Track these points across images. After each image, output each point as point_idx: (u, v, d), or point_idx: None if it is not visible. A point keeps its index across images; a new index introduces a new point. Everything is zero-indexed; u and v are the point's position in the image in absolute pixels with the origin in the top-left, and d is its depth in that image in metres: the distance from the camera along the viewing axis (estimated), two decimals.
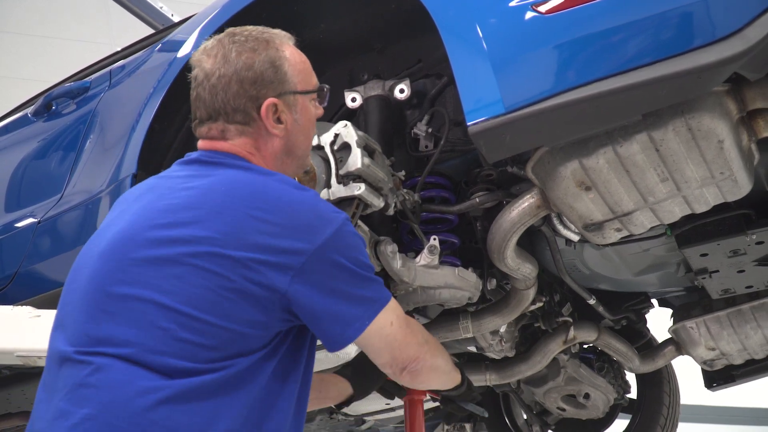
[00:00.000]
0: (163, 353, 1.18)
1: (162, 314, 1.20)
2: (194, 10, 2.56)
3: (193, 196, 1.29)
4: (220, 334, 1.21)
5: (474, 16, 1.57)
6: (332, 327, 1.30)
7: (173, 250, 1.23)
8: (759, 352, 2.56)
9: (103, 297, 1.24)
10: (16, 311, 2.11)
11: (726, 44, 1.35)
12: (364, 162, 1.67)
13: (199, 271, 1.21)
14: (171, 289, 1.21)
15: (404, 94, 2.01)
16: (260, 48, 1.41)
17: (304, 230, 1.26)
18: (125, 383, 1.16)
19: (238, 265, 1.22)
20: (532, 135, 1.52)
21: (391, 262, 1.80)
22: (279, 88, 1.41)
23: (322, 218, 1.29)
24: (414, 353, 1.44)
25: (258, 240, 1.23)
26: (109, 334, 1.21)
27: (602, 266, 2.32)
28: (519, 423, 3.35)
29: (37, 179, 2.68)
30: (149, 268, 1.23)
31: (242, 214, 1.25)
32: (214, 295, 1.21)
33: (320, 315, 1.28)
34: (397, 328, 1.39)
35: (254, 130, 1.40)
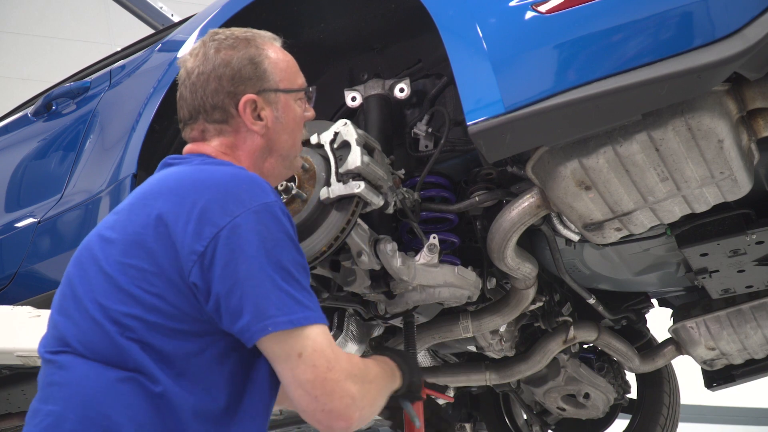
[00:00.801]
0: (109, 346, 1.18)
1: (98, 310, 1.21)
2: (194, 10, 2.56)
3: (136, 192, 1.32)
4: (157, 322, 1.19)
5: (474, 15, 1.57)
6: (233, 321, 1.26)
7: (106, 250, 1.25)
8: (759, 351, 2.57)
9: (64, 300, 1.28)
10: (16, 311, 2.11)
11: (726, 44, 1.35)
12: (363, 160, 1.67)
13: (129, 269, 1.21)
14: (107, 289, 1.22)
15: (404, 93, 2.01)
16: (240, 45, 1.42)
17: (216, 210, 1.22)
18: (83, 378, 1.18)
19: (144, 247, 1.21)
20: (532, 135, 1.52)
21: (390, 261, 1.80)
22: (258, 85, 1.41)
23: (236, 198, 1.25)
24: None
25: (165, 219, 1.21)
26: (65, 334, 1.23)
27: (602, 266, 2.32)
28: (519, 423, 3.36)
29: (37, 179, 2.68)
30: (95, 269, 1.25)
31: (166, 199, 1.24)
32: (136, 272, 1.20)
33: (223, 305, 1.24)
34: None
35: (233, 128, 1.40)
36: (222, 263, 1.17)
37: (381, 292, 1.90)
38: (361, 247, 1.78)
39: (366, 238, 1.80)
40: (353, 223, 1.68)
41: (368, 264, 1.80)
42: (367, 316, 2.04)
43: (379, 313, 1.99)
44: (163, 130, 2.16)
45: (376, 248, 1.80)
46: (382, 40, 2.12)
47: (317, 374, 1.18)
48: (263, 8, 1.97)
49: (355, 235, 1.76)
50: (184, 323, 1.20)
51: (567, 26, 1.46)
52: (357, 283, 1.85)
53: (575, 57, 1.45)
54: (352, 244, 1.77)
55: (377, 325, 2.24)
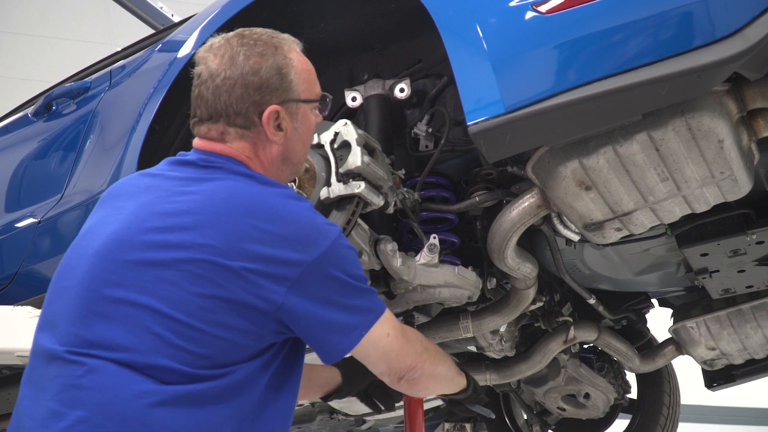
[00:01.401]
0: (155, 359, 1.18)
1: (156, 320, 1.19)
2: (194, 10, 2.56)
3: (192, 201, 1.28)
4: (212, 343, 1.21)
5: (474, 15, 1.56)
6: (328, 338, 1.30)
7: (169, 255, 1.22)
8: (759, 351, 2.57)
9: (96, 298, 1.23)
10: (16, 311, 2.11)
11: (726, 44, 1.35)
12: (363, 160, 1.67)
13: (195, 278, 1.21)
14: (165, 295, 1.20)
15: (404, 93, 2.01)
16: (268, 53, 1.40)
17: (301, 242, 1.26)
18: (118, 386, 1.16)
19: (234, 274, 1.21)
20: (533, 135, 1.52)
21: (390, 261, 1.80)
22: (283, 96, 1.40)
23: (318, 231, 1.29)
24: (411, 363, 1.44)
25: (255, 250, 1.23)
26: (102, 337, 1.20)
27: (602, 266, 2.32)
28: (519, 423, 3.36)
29: (38, 179, 2.68)
30: (144, 271, 1.22)
31: (240, 223, 1.24)
32: (208, 303, 1.20)
33: (315, 326, 1.28)
34: (394, 339, 1.39)
35: (254, 135, 1.39)
36: (304, 304, 1.25)
37: (381, 292, 1.90)
38: (361, 247, 1.78)
39: (366, 238, 1.80)
40: (353, 223, 1.68)
41: (368, 264, 1.80)
42: None
43: None
44: (164, 130, 2.16)
45: (377, 248, 1.80)
46: (382, 40, 2.12)
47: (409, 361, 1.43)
48: (263, 8, 1.97)
49: (356, 235, 1.76)
50: (243, 338, 1.23)
51: (567, 26, 1.46)
52: None
53: (575, 57, 1.45)
54: (352, 243, 1.77)
55: None
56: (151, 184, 1.37)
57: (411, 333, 1.48)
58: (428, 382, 1.51)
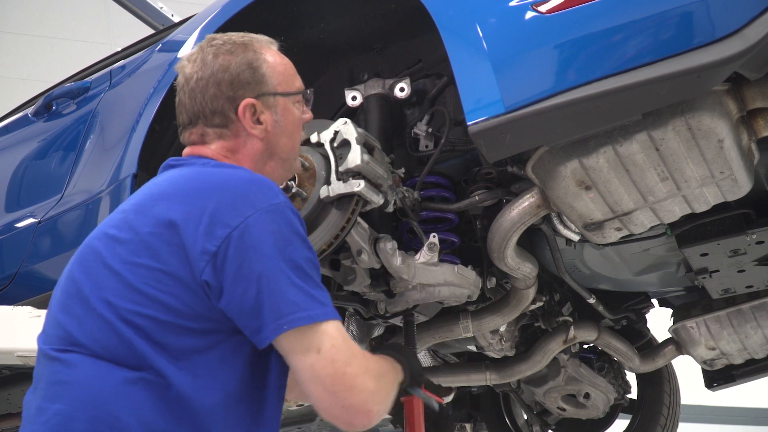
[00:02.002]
0: (119, 346, 1.19)
1: (108, 309, 1.21)
2: (194, 10, 2.56)
3: (140, 193, 1.33)
4: (163, 328, 1.20)
5: (474, 15, 1.57)
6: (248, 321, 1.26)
7: (114, 250, 1.25)
8: (759, 351, 2.57)
9: (69, 298, 1.27)
10: (16, 311, 2.11)
11: (726, 44, 1.35)
12: (363, 159, 1.67)
13: (132, 266, 1.22)
14: (113, 286, 1.22)
15: (404, 92, 2.01)
16: (237, 50, 1.42)
17: (227, 211, 1.24)
18: (93, 377, 1.18)
19: (154, 243, 1.22)
20: (532, 135, 1.52)
21: (390, 259, 1.80)
22: (257, 89, 1.42)
23: (245, 200, 1.27)
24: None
25: (168, 217, 1.23)
26: (74, 333, 1.23)
27: (602, 266, 2.32)
28: (519, 423, 3.36)
29: (38, 179, 2.68)
30: (99, 267, 1.25)
31: (170, 200, 1.26)
32: (149, 287, 1.20)
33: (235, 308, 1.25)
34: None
35: (233, 132, 1.41)
36: (236, 263, 1.19)
37: (381, 291, 1.90)
38: (361, 246, 1.78)
39: (366, 236, 1.80)
40: (353, 222, 1.69)
41: (368, 263, 1.80)
42: (367, 316, 2.04)
43: (379, 312, 1.99)
44: (164, 130, 2.16)
45: (376, 247, 1.80)
46: (382, 40, 2.12)
47: (336, 369, 1.18)
48: (263, 8, 1.97)
49: (355, 234, 1.76)
50: (195, 321, 1.21)
51: (567, 26, 1.46)
52: (357, 281, 1.85)
53: (575, 57, 1.45)
54: (352, 242, 1.77)
55: (377, 324, 2.24)
56: (139, 190, 1.41)
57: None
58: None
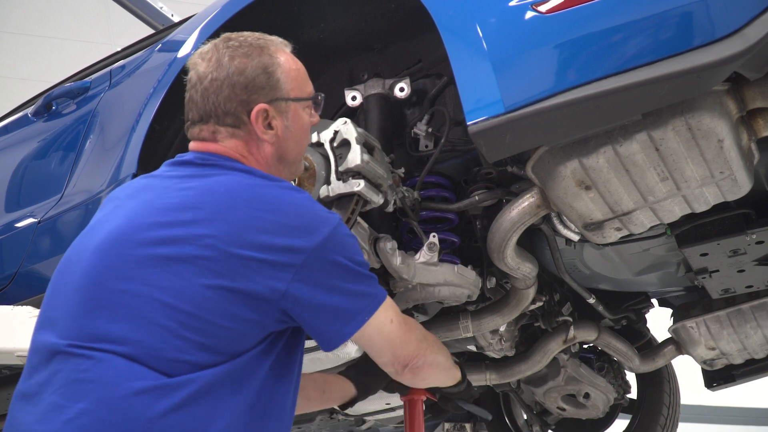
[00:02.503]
0: (162, 351, 1.18)
1: (162, 311, 1.20)
2: (194, 10, 2.56)
3: (191, 196, 1.30)
4: (218, 333, 1.22)
5: (474, 15, 1.57)
6: (330, 324, 1.31)
7: (174, 249, 1.24)
8: (759, 351, 2.56)
9: (100, 292, 1.24)
10: (16, 311, 2.11)
11: (725, 44, 1.35)
12: (363, 158, 1.67)
13: (200, 269, 1.22)
14: (171, 287, 1.21)
15: (404, 92, 2.02)
16: (254, 53, 1.42)
17: (303, 229, 1.28)
18: (123, 380, 1.16)
19: (238, 264, 1.23)
20: (532, 134, 1.52)
21: (390, 259, 1.80)
22: (270, 94, 1.42)
23: (319, 218, 1.31)
24: (414, 350, 1.45)
25: (258, 239, 1.24)
26: (106, 330, 1.20)
27: (602, 266, 2.32)
28: (519, 423, 3.36)
29: (37, 179, 2.68)
30: (149, 265, 1.23)
31: (242, 214, 1.26)
32: (213, 293, 1.21)
33: (318, 312, 1.29)
34: (396, 326, 1.40)
35: (245, 133, 1.41)
36: (308, 292, 1.26)
37: None
38: (360, 246, 1.78)
39: (366, 236, 1.80)
40: (353, 221, 1.69)
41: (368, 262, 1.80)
42: None
43: None
44: (164, 130, 2.16)
45: (376, 246, 1.80)
46: (382, 40, 2.12)
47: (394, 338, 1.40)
48: (263, 8, 1.97)
49: (355, 234, 1.76)
50: (246, 326, 1.24)
51: (567, 26, 1.46)
52: None
53: (575, 57, 1.45)
54: None
55: None
56: (149, 184, 1.40)
57: (411, 321, 1.50)
58: (430, 371, 1.52)
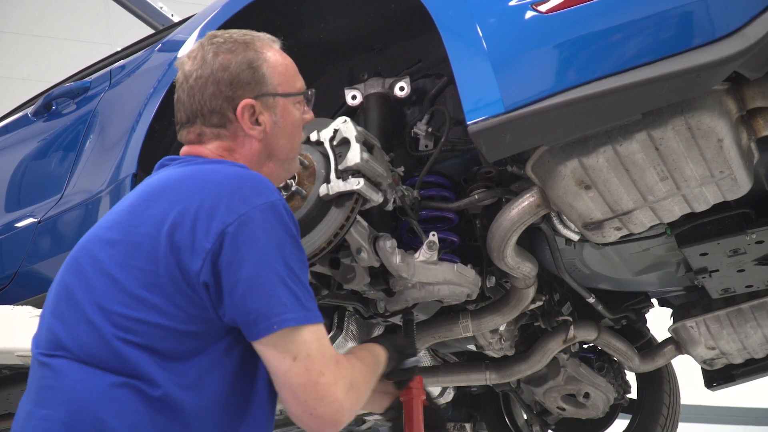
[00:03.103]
0: (105, 353, 1.18)
1: (98, 314, 1.20)
2: (194, 10, 2.56)
3: (134, 196, 1.30)
4: (152, 332, 1.19)
5: (474, 15, 1.57)
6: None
7: (108, 252, 1.24)
8: (759, 351, 2.57)
9: (58, 301, 1.26)
10: (16, 311, 2.11)
11: (725, 43, 1.35)
12: (363, 157, 1.67)
13: (127, 268, 1.21)
14: (104, 289, 1.21)
15: (404, 91, 2.02)
16: (238, 49, 1.41)
17: (229, 204, 1.23)
18: (80, 382, 1.17)
19: (161, 247, 1.20)
20: (532, 134, 1.52)
21: (390, 257, 1.80)
22: (257, 90, 1.40)
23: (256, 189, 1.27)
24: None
25: (179, 220, 1.21)
26: (62, 338, 1.21)
27: (602, 266, 2.32)
28: (519, 423, 3.36)
29: (37, 179, 2.68)
30: (90, 271, 1.24)
31: (171, 196, 1.24)
32: (142, 290, 1.19)
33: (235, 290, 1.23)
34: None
35: (230, 132, 1.40)
36: (229, 259, 1.18)
37: (380, 290, 1.90)
38: (360, 244, 1.78)
39: (365, 235, 1.80)
40: (352, 220, 1.69)
41: (367, 261, 1.80)
42: (366, 315, 2.04)
43: (379, 311, 1.99)
44: (163, 129, 2.16)
45: (376, 245, 1.80)
46: (382, 40, 2.13)
47: (309, 379, 1.19)
48: (263, 8, 1.97)
49: (355, 232, 1.76)
50: (187, 324, 1.20)
51: (567, 26, 1.46)
52: (356, 280, 1.85)
53: (575, 56, 1.45)
54: (351, 240, 1.77)
55: (377, 324, 2.24)
56: (134, 190, 1.39)
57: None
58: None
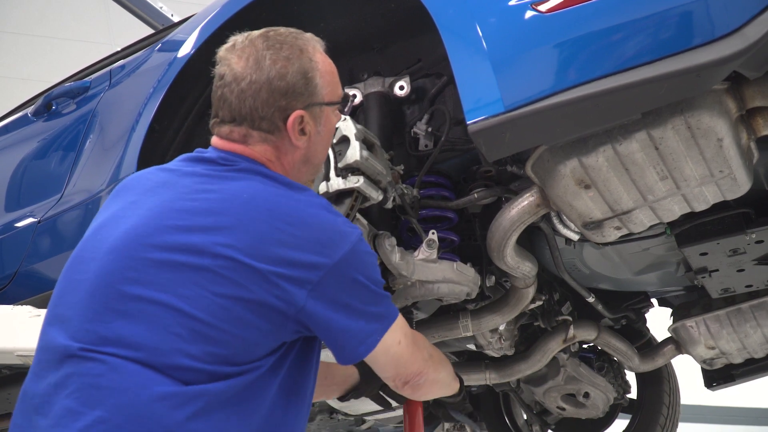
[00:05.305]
0: (177, 359, 1.17)
1: (177, 319, 1.18)
2: (194, 10, 2.56)
3: (213, 200, 1.27)
4: (232, 342, 1.20)
5: (474, 15, 1.57)
6: (345, 342, 1.31)
7: (191, 256, 1.21)
8: (758, 351, 2.57)
9: (114, 295, 1.21)
10: (16, 311, 2.11)
11: (725, 43, 1.35)
12: (362, 155, 1.67)
13: (217, 279, 1.20)
14: (187, 294, 1.19)
15: (404, 90, 2.02)
16: (294, 56, 1.38)
17: (323, 245, 1.26)
18: (140, 387, 1.14)
19: (256, 276, 1.21)
20: (532, 134, 1.52)
21: (389, 256, 1.80)
22: (308, 100, 1.38)
23: (340, 234, 1.29)
24: (417, 369, 1.46)
25: (278, 252, 1.22)
26: (120, 335, 1.18)
27: (602, 265, 2.32)
28: (519, 423, 3.36)
29: (37, 179, 2.68)
30: (166, 270, 1.21)
31: (263, 225, 1.24)
32: (230, 303, 1.20)
33: (334, 329, 1.29)
34: (404, 346, 1.41)
35: (277, 139, 1.38)
36: (325, 304, 1.26)
37: None
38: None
39: (365, 233, 1.80)
40: (352, 218, 1.69)
41: None
42: None
43: None
44: (163, 129, 2.16)
45: (375, 243, 1.80)
46: (382, 39, 2.13)
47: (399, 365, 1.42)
48: (263, 8, 1.97)
49: None
50: (264, 338, 1.24)
51: (567, 25, 1.46)
52: None
53: (575, 56, 1.45)
54: None
55: None
56: (168, 180, 1.35)
57: (420, 339, 1.50)
58: (430, 388, 1.55)
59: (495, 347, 2.45)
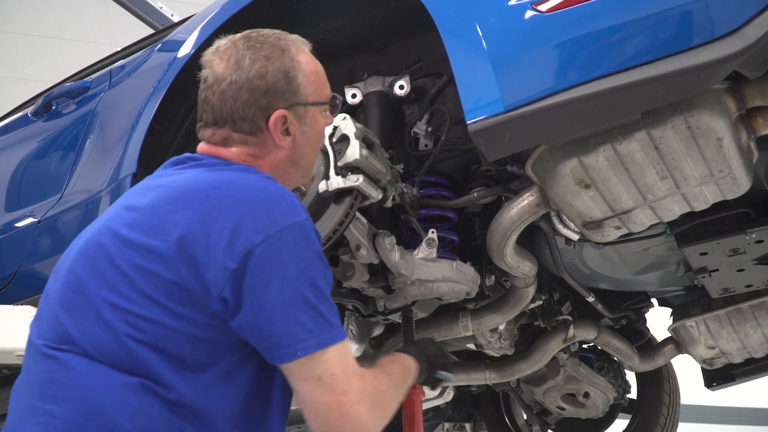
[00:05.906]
0: (120, 352, 1.16)
1: (115, 314, 1.18)
2: (194, 10, 2.56)
3: (155, 195, 1.27)
4: (173, 338, 1.18)
5: (473, 15, 1.57)
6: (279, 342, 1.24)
7: (126, 252, 1.21)
8: (758, 350, 2.57)
9: (67, 294, 1.24)
10: (16, 311, 2.11)
11: (725, 42, 1.35)
12: (362, 153, 1.67)
13: (147, 274, 1.19)
14: (122, 290, 1.19)
15: (404, 90, 2.02)
16: (275, 56, 1.37)
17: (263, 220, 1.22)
18: (91, 381, 1.15)
19: (185, 260, 1.18)
20: (532, 133, 1.52)
21: (389, 254, 1.80)
22: (290, 100, 1.37)
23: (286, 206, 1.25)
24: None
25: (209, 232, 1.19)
26: (71, 332, 1.20)
27: (602, 265, 2.33)
28: (519, 423, 3.36)
29: (37, 179, 2.68)
30: (107, 267, 1.22)
31: (196, 208, 1.22)
32: (163, 297, 1.18)
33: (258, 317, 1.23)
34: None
35: (259, 140, 1.37)
36: (254, 281, 1.17)
37: (380, 287, 1.91)
38: (359, 241, 1.78)
39: (365, 231, 1.80)
40: (352, 216, 1.69)
41: (367, 258, 1.80)
42: (366, 313, 2.04)
43: (378, 309, 1.99)
44: (163, 129, 2.16)
45: (375, 242, 1.80)
46: (382, 39, 2.13)
47: (333, 398, 1.20)
48: (263, 8, 1.97)
49: (354, 229, 1.76)
50: (200, 330, 1.19)
51: (566, 25, 1.46)
52: (356, 277, 1.86)
53: (575, 56, 1.45)
54: (350, 237, 1.77)
55: (377, 323, 2.24)
56: (151, 185, 1.35)
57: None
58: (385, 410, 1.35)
59: (495, 347, 2.45)
